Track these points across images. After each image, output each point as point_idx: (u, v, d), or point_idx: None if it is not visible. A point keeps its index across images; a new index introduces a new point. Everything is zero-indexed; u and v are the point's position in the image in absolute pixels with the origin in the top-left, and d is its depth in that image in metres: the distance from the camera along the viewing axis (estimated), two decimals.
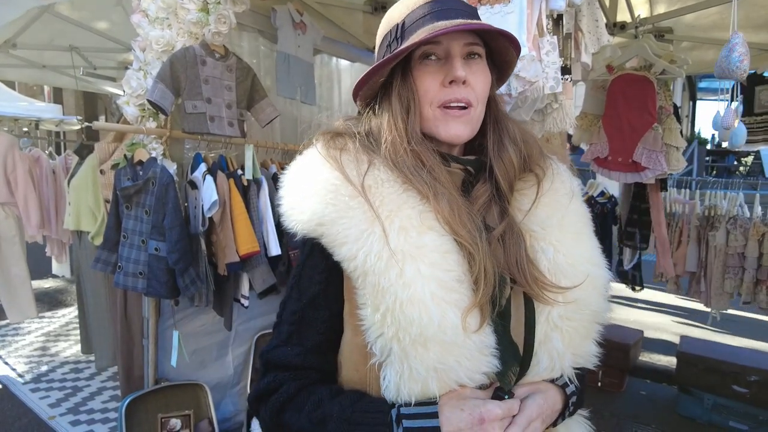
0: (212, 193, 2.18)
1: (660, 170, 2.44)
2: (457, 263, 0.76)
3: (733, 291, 3.40)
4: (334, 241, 0.77)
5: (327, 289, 0.82)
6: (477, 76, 0.84)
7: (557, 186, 0.90)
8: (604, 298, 0.87)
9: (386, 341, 0.73)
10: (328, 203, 0.78)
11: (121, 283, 2.15)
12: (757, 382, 3.36)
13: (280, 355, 0.84)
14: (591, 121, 2.83)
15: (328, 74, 3.41)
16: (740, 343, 4.69)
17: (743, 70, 1.81)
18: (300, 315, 0.84)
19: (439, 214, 0.78)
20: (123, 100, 2.16)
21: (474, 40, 0.84)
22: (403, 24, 0.85)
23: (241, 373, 2.88)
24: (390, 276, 0.73)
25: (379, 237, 0.75)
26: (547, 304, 0.81)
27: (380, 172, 0.81)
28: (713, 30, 3.34)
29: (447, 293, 0.74)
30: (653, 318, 5.55)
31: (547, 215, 0.87)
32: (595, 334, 0.86)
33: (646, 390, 4.10)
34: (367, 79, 0.86)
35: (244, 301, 2.46)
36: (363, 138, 0.86)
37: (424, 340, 0.71)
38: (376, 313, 0.74)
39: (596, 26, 1.63)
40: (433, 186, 0.79)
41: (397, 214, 0.77)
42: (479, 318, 0.74)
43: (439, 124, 0.83)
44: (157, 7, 2.12)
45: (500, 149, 0.87)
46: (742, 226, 3.32)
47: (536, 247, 0.85)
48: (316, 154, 0.85)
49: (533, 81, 1.44)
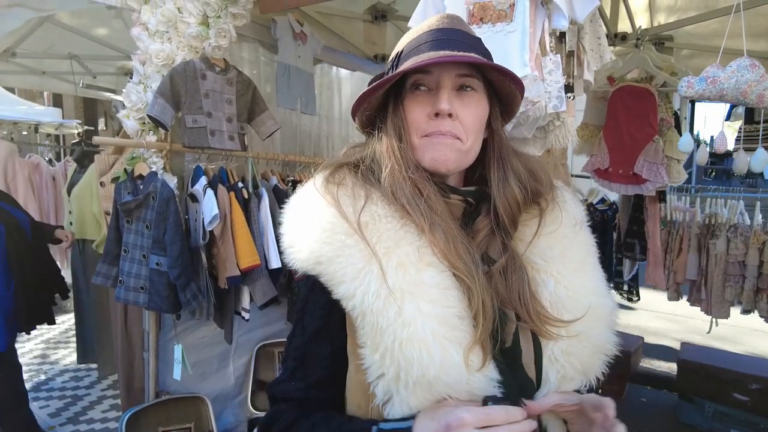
0: (213, 207, 2.17)
1: (661, 183, 2.44)
2: (457, 299, 0.75)
3: (733, 299, 3.40)
4: (332, 280, 0.77)
5: (328, 324, 0.81)
6: (468, 109, 0.82)
7: (562, 216, 0.89)
8: (609, 329, 0.85)
9: (387, 383, 0.72)
10: (324, 242, 0.77)
11: (122, 297, 2.14)
12: (758, 390, 3.36)
13: (284, 390, 0.84)
14: (592, 131, 2.83)
15: (328, 83, 3.41)
16: (741, 351, 4.69)
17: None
18: (303, 351, 0.84)
19: (434, 246, 0.77)
20: (123, 113, 2.16)
21: (468, 72, 0.83)
22: (402, 52, 0.85)
23: (242, 384, 2.87)
24: (389, 315, 0.72)
25: (377, 275, 0.74)
26: (550, 339, 0.80)
27: (378, 207, 0.80)
28: (713, 38, 3.34)
29: (448, 330, 0.72)
30: (653, 324, 5.55)
31: (549, 246, 0.86)
32: (597, 366, 0.84)
33: (646, 397, 4.10)
34: (360, 102, 0.86)
35: (244, 314, 2.46)
36: (366, 166, 0.85)
37: (427, 382, 0.70)
38: (375, 353, 0.73)
39: (599, 44, 1.63)
40: (429, 217, 0.78)
41: (395, 251, 0.76)
42: (482, 355, 0.73)
43: (424, 152, 0.82)
44: (157, 20, 2.11)
45: (504, 187, 0.85)
46: (743, 234, 3.32)
47: (537, 279, 0.83)
48: (313, 189, 0.84)
49: (536, 101, 1.43)
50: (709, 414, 3.54)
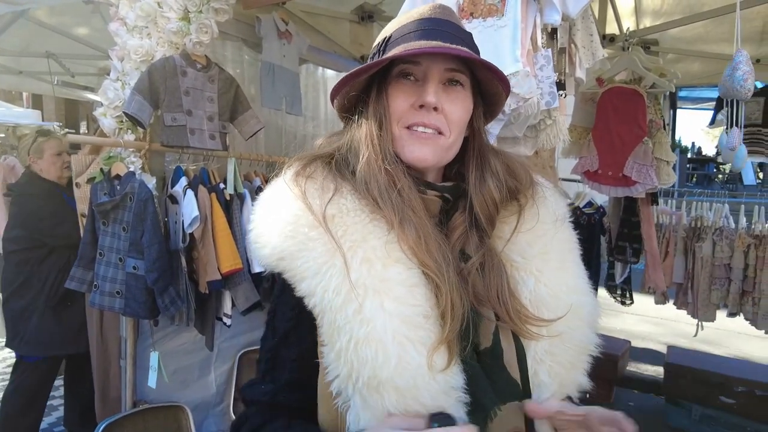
0: (193, 208, 2.10)
1: (650, 184, 2.43)
2: (424, 297, 0.72)
3: (719, 302, 3.40)
4: (294, 277, 0.73)
5: (297, 325, 0.78)
6: (454, 104, 0.80)
7: (542, 212, 0.87)
8: (591, 328, 0.84)
9: (341, 382, 0.69)
10: (287, 236, 0.74)
11: (97, 302, 2.05)
12: (744, 393, 3.37)
13: (254, 392, 0.82)
14: (580, 133, 2.81)
15: (314, 84, 3.35)
16: (727, 354, 4.72)
17: (747, 89, 1.75)
18: (274, 353, 0.81)
19: (403, 242, 0.73)
20: (100, 111, 2.08)
21: (457, 66, 0.81)
22: (390, 37, 0.83)
23: (224, 392, 2.79)
24: (346, 312, 0.68)
25: (339, 270, 0.70)
26: (531, 339, 0.78)
27: (346, 200, 0.76)
28: (698, 42, 3.37)
29: (411, 330, 0.69)
30: (640, 327, 5.57)
31: (529, 243, 0.84)
32: (584, 365, 0.83)
33: (634, 401, 4.10)
34: (342, 85, 0.83)
35: (226, 320, 2.38)
36: (341, 156, 0.82)
37: (377, 383, 0.66)
38: (331, 352, 0.69)
39: (591, 41, 1.60)
40: (401, 211, 0.75)
41: (361, 245, 0.72)
42: (446, 356, 0.69)
43: (404, 144, 0.80)
44: (135, 15, 2.04)
45: (481, 185, 0.83)
46: (728, 238, 3.33)
47: (517, 277, 0.82)
48: (282, 183, 0.81)
49: (527, 97, 1.39)
50: (696, 417, 3.54)
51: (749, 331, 3.85)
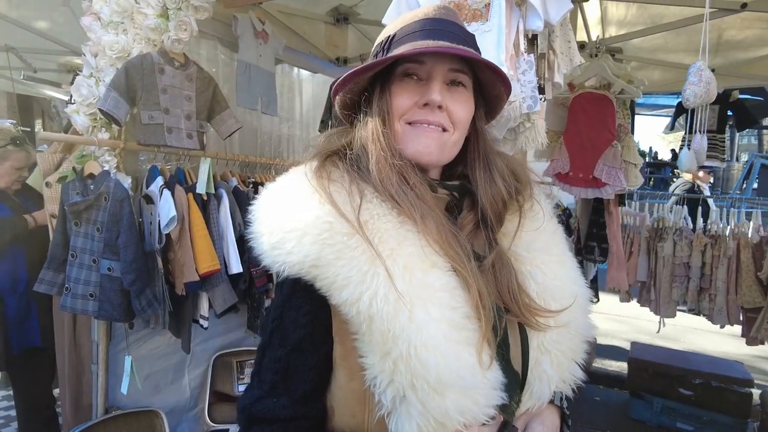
0: (170, 209, 2.05)
1: (620, 186, 2.53)
2: (463, 299, 0.73)
3: (679, 299, 3.58)
4: (333, 284, 0.71)
5: (314, 332, 0.76)
6: (457, 104, 0.82)
7: (536, 210, 0.90)
8: (587, 316, 0.89)
9: (399, 389, 0.68)
10: (324, 243, 0.72)
11: (68, 305, 1.98)
12: (701, 385, 3.55)
13: (267, 408, 0.77)
14: (552, 137, 2.90)
15: (289, 85, 3.33)
16: (685, 348, 4.95)
17: (686, 98, 1.85)
18: (285, 362, 0.77)
19: (427, 235, 0.75)
20: (72, 108, 2.01)
21: (460, 67, 0.82)
22: (393, 36, 0.83)
23: (198, 396, 2.73)
24: (401, 320, 0.68)
25: (384, 278, 0.70)
26: (539, 330, 0.80)
27: (373, 205, 0.76)
28: (658, 52, 3.54)
29: (458, 332, 0.71)
30: (605, 325, 5.77)
31: (532, 239, 0.87)
32: (582, 354, 0.86)
33: (600, 396, 4.25)
34: (345, 82, 0.83)
35: (203, 322, 2.34)
36: (354, 155, 0.82)
37: (443, 386, 0.67)
38: (386, 360, 0.69)
39: (569, 47, 1.67)
40: (419, 207, 0.76)
41: (399, 253, 0.72)
42: (489, 353, 0.72)
43: (408, 139, 0.81)
44: (111, 10, 1.99)
45: (490, 185, 0.85)
46: (687, 238, 3.51)
47: (524, 271, 0.84)
48: (304, 183, 0.78)
49: (511, 101, 1.44)
50: (658, 409, 3.70)
51: (705, 327, 4.06)
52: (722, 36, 3.02)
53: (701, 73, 1.84)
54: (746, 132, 16.16)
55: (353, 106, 0.87)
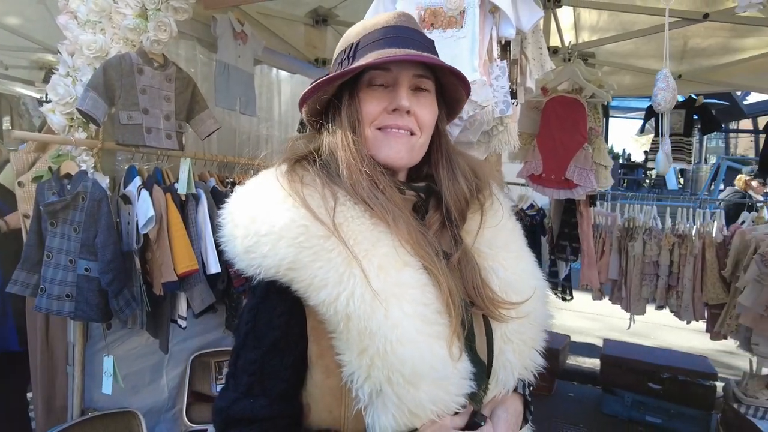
0: (148, 209, 2.05)
1: (590, 187, 2.61)
2: (434, 296, 0.77)
3: (649, 296, 3.70)
4: (310, 286, 0.73)
5: (289, 332, 0.78)
6: (423, 108, 0.86)
7: (496, 208, 0.95)
8: (546, 306, 0.94)
9: (376, 384, 0.71)
10: (301, 246, 0.74)
11: (44, 306, 1.96)
12: (669, 379, 3.68)
13: (244, 409, 0.78)
14: (526, 139, 2.98)
15: (268, 85, 3.34)
16: (654, 344, 5.11)
17: (657, 103, 1.95)
18: (261, 363, 0.79)
19: (399, 236, 0.78)
20: (48, 107, 1.99)
21: (424, 73, 0.86)
22: (357, 44, 0.85)
23: (176, 397, 2.72)
24: (377, 318, 0.71)
25: (360, 278, 0.73)
26: (502, 321, 0.85)
27: (347, 207, 0.79)
28: (629, 57, 3.66)
29: (430, 327, 0.74)
30: (578, 323, 5.91)
31: (493, 236, 0.92)
32: (541, 342, 0.91)
33: (573, 392, 4.35)
34: (314, 91, 0.85)
35: (181, 322, 2.34)
36: (323, 161, 0.85)
37: (417, 379, 0.71)
38: (362, 356, 0.72)
39: (540, 53, 1.73)
40: (391, 209, 0.80)
41: (374, 253, 0.76)
42: (459, 346, 0.76)
43: (379, 145, 0.84)
44: (88, 9, 1.98)
45: (454, 184, 0.89)
46: (656, 237, 3.63)
47: (486, 267, 0.88)
48: (276, 187, 0.80)
49: (484, 105, 1.49)
50: (628, 404, 3.82)
51: (673, 323, 4.20)
52: (688, 44, 3.14)
53: (668, 79, 1.93)
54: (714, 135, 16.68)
55: (320, 113, 0.90)
